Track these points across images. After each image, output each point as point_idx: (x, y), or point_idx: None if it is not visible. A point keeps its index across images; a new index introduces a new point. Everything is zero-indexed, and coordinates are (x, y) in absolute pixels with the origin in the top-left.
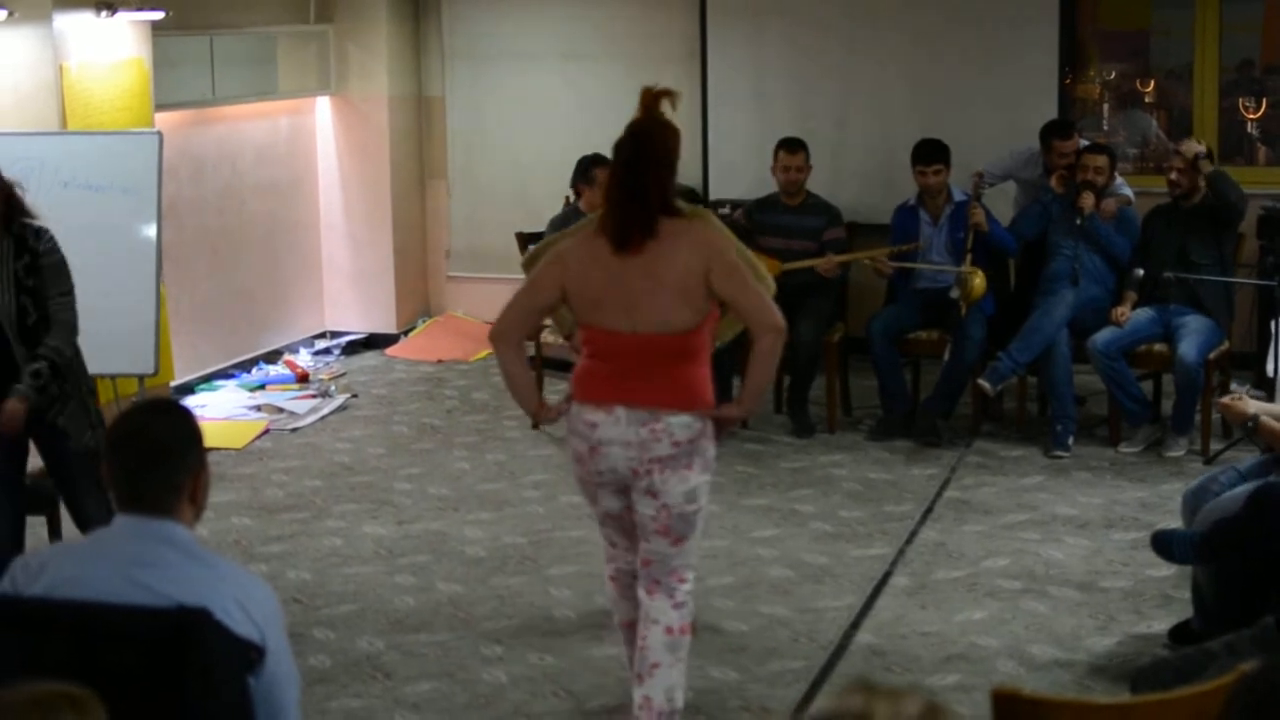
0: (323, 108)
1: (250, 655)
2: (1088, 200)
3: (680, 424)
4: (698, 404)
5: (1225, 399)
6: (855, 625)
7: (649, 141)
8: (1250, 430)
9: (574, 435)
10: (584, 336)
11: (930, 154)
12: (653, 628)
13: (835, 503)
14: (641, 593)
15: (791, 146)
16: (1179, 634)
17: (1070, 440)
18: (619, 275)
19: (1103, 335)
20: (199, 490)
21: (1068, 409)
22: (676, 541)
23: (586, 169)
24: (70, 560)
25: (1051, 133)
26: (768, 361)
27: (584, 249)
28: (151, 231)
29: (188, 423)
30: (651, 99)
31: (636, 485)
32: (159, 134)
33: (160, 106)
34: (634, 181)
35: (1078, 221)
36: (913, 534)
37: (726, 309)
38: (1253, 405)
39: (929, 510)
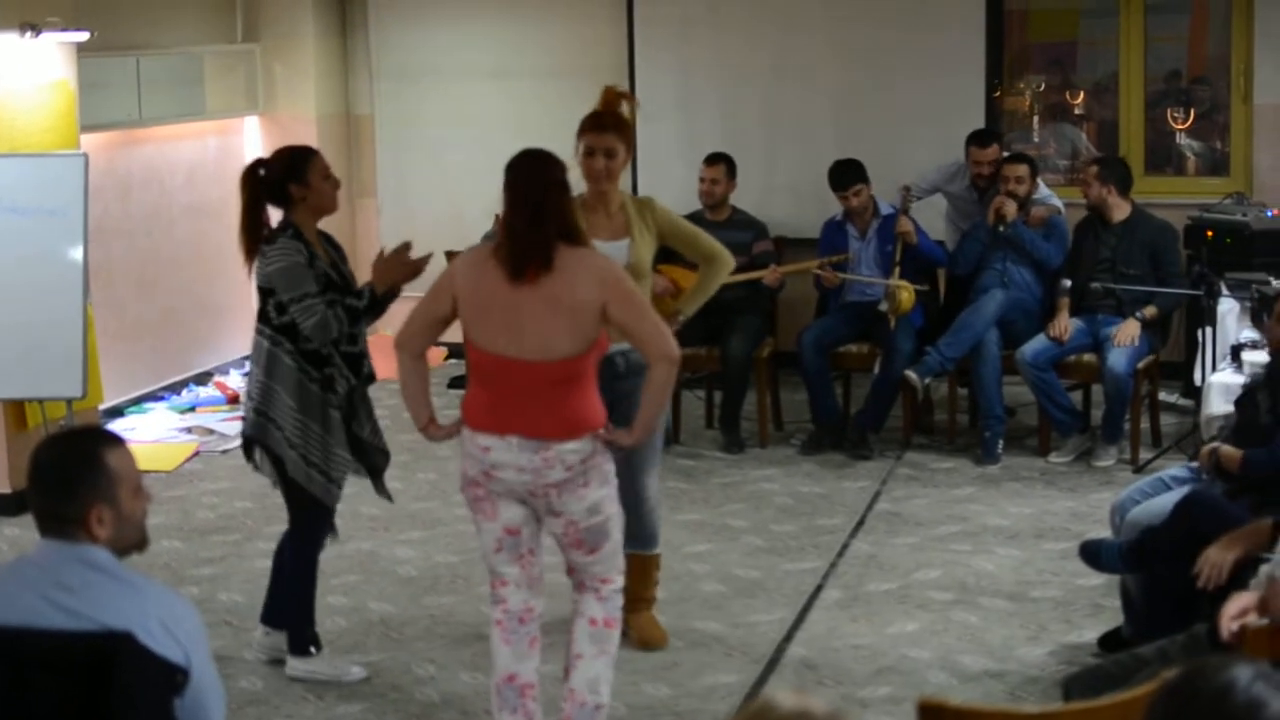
0: (251, 127)
1: (175, 677)
2: (1010, 207)
3: (570, 450)
4: (586, 429)
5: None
6: (788, 639)
7: (544, 166)
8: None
9: (467, 458)
10: (471, 357)
11: (845, 178)
12: (578, 620)
13: (767, 517)
14: (572, 592)
15: (711, 159)
16: (1108, 642)
17: (1000, 447)
18: (510, 302)
19: (1031, 346)
20: (108, 519)
21: (995, 409)
22: (591, 551)
23: None
24: None
25: (970, 141)
26: (662, 392)
27: (477, 268)
28: (78, 254)
29: (85, 452)
30: (614, 97)
31: (537, 504)
32: (85, 156)
33: (86, 128)
34: (533, 210)
35: (1000, 229)
36: (844, 547)
37: (698, 276)
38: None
39: (860, 523)
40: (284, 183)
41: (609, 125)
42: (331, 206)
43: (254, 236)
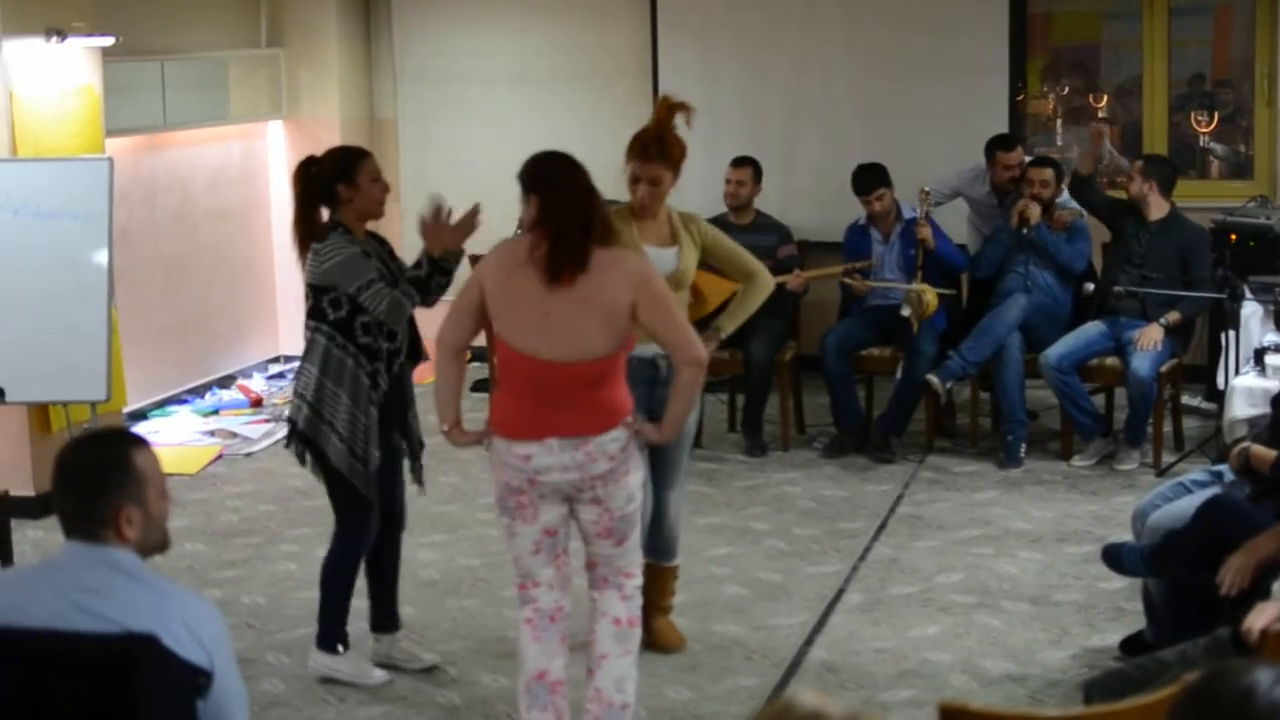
0: (275, 131)
1: (198, 680)
2: (1034, 210)
3: (610, 439)
4: (620, 418)
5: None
6: (809, 642)
7: (575, 172)
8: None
9: (506, 469)
10: (501, 357)
11: (867, 183)
12: (601, 619)
13: (789, 520)
14: (591, 591)
15: (737, 162)
16: (1130, 645)
17: (1022, 451)
18: (541, 302)
19: (1055, 350)
20: (136, 520)
21: (1018, 413)
22: (619, 542)
23: None
24: (15, 587)
25: (996, 145)
26: (689, 393)
27: (508, 266)
28: (103, 257)
29: (114, 453)
30: (666, 111)
31: (581, 497)
32: (110, 160)
33: (111, 132)
34: (572, 217)
35: (1024, 231)
36: (866, 550)
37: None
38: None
39: (882, 526)
40: (332, 183)
41: (654, 154)
42: (377, 211)
43: (306, 234)
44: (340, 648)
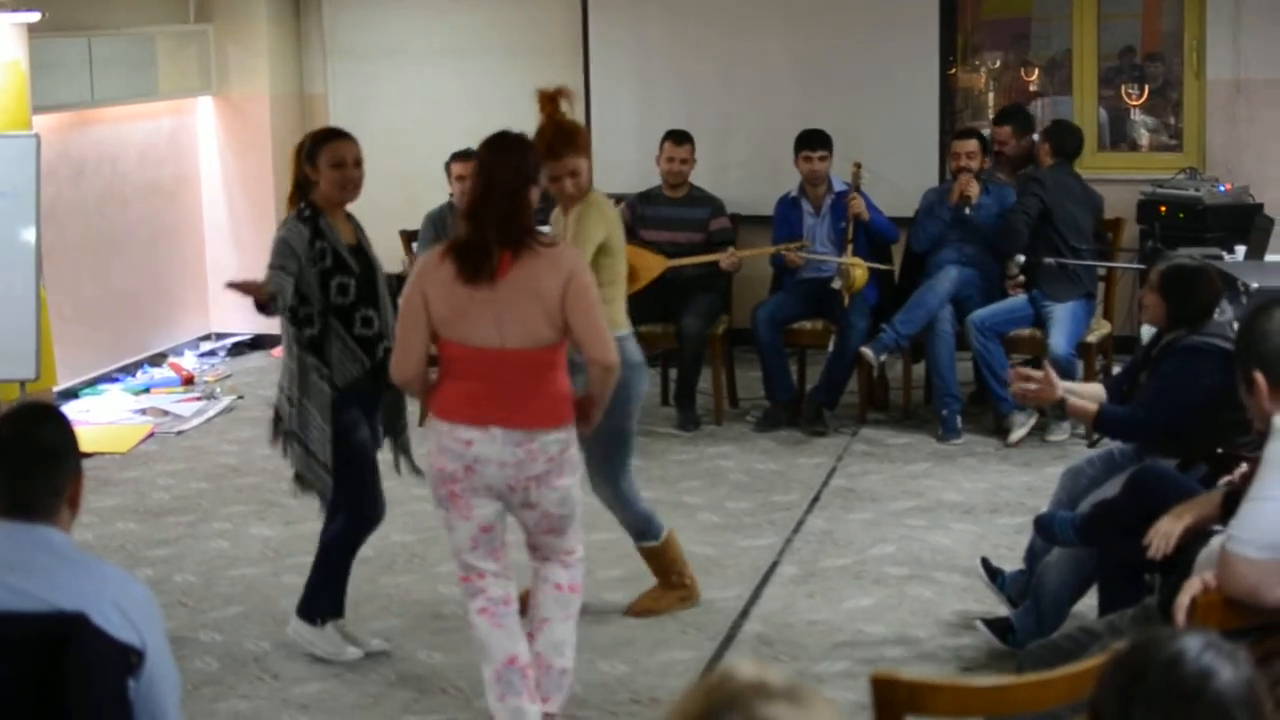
0: (204, 108)
1: (130, 659)
2: (974, 188)
3: (552, 440)
4: (567, 418)
5: (1019, 387)
6: (744, 615)
7: (505, 165)
8: (1060, 414)
9: (444, 453)
10: (449, 353)
11: (815, 139)
12: (543, 585)
13: (723, 494)
14: (533, 562)
15: (678, 138)
16: (994, 624)
17: (959, 424)
18: (487, 295)
19: (980, 312)
20: (78, 494)
21: (951, 387)
22: (560, 534)
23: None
24: None
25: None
26: (598, 390)
27: (442, 276)
28: (31, 235)
29: (67, 428)
30: (549, 101)
31: (512, 499)
32: (37, 137)
33: (38, 109)
34: (485, 216)
35: (966, 211)
36: (800, 523)
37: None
38: (1060, 386)
39: (816, 499)
40: (303, 165)
41: (563, 150)
42: (336, 196)
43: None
44: (319, 621)
